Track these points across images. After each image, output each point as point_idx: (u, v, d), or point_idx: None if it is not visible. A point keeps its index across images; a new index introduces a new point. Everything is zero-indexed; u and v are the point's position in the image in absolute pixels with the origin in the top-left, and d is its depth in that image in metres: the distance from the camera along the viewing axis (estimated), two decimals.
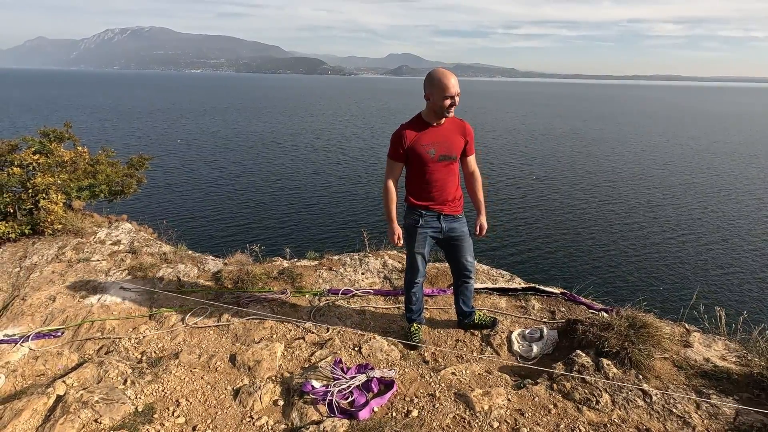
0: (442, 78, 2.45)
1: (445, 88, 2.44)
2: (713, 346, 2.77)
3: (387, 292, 3.69)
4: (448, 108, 2.50)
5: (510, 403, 2.29)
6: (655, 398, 2.27)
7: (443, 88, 2.45)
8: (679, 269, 13.80)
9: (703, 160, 31.38)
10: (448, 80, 2.44)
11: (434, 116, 2.59)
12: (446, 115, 2.55)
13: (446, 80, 2.44)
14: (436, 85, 2.46)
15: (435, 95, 2.49)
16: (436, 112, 2.56)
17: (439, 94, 2.47)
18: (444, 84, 2.44)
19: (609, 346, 2.57)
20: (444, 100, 2.47)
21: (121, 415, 2.19)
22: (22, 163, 4.96)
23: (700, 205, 20.72)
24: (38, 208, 4.80)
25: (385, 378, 2.47)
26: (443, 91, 2.45)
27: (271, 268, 4.13)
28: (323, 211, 18.52)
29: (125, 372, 2.56)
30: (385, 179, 2.74)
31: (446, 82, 2.43)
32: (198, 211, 18.08)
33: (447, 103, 2.48)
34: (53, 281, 3.92)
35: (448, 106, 2.50)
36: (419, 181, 2.69)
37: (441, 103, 2.49)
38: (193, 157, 27.35)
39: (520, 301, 3.52)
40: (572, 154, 32.98)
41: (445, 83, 2.44)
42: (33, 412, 2.16)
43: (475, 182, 2.85)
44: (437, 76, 2.47)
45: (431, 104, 2.55)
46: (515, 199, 20.88)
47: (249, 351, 2.78)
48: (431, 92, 2.50)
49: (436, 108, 2.54)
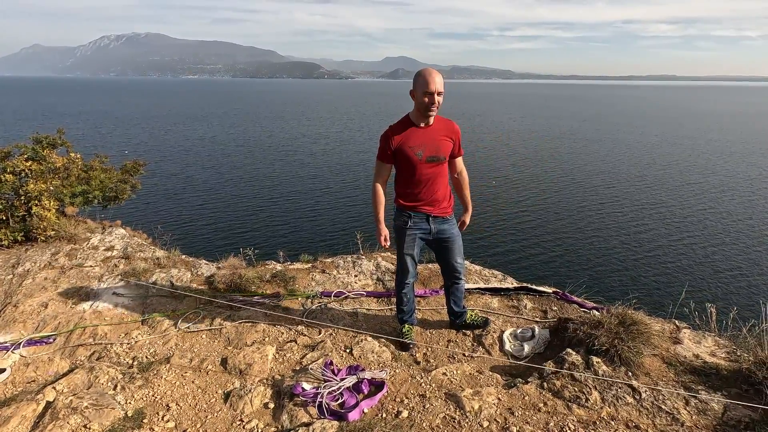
0: (425, 75, 2.46)
1: (426, 84, 2.44)
2: (703, 342, 2.78)
3: (380, 294, 3.69)
4: (429, 106, 2.49)
5: (500, 402, 2.29)
6: (644, 395, 2.28)
7: (424, 84, 2.45)
8: (669, 267, 13.85)
9: (698, 159, 31.55)
10: (431, 77, 2.44)
11: (421, 117, 2.59)
12: (428, 114, 2.53)
13: (429, 77, 2.44)
14: (419, 82, 2.48)
15: (417, 92, 2.49)
16: (420, 111, 2.56)
17: (420, 90, 2.47)
18: (425, 80, 2.44)
19: (599, 344, 2.58)
20: (424, 96, 2.46)
21: (110, 420, 2.18)
22: (15, 170, 4.95)
23: (691, 203, 20.82)
24: (31, 214, 4.79)
25: (376, 379, 2.47)
26: (424, 87, 2.45)
27: (264, 271, 4.13)
28: (317, 214, 18.52)
29: (116, 377, 2.55)
30: (373, 181, 2.74)
31: (428, 79, 2.44)
32: (193, 215, 18.06)
33: (426, 100, 2.47)
34: (46, 288, 3.91)
35: (428, 104, 2.48)
36: (407, 182, 2.69)
37: (422, 99, 2.48)
38: (189, 162, 27.33)
39: (513, 300, 3.53)
40: (567, 154, 33.11)
41: (427, 80, 2.44)
42: (22, 419, 2.15)
43: (462, 182, 2.89)
44: (421, 73, 2.49)
45: (415, 102, 2.55)
46: (508, 200, 20.94)
47: (240, 354, 2.78)
48: (414, 89, 2.51)
49: (419, 105, 2.54)
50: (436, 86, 2.45)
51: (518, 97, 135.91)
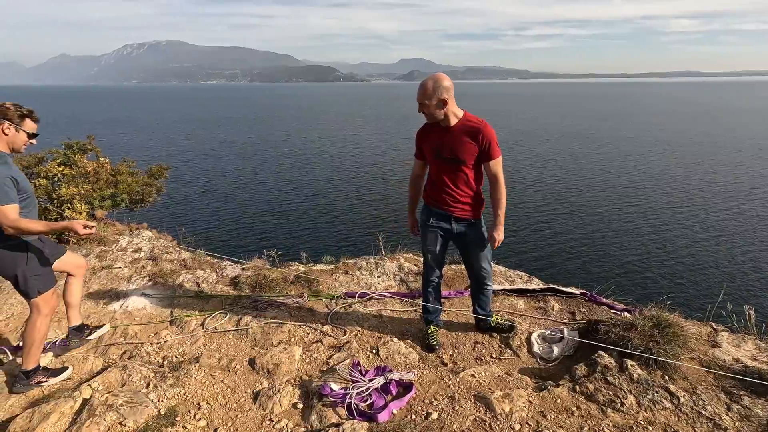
0: (419, 85, 2.54)
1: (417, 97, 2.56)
2: (743, 345, 2.67)
3: (403, 295, 3.68)
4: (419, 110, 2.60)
5: (531, 405, 2.25)
6: (682, 399, 2.20)
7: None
8: (703, 268, 13.40)
9: (726, 156, 30.53)
10: (418, 90, 2.53)
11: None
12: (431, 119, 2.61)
13: (418, 89, 2.53)
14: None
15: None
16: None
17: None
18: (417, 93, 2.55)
19: (633, 347, 2.51)
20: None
21: (144, 418, 2.22)
22: (48, 175, 5.12)
23: (724, 202, 20.11)
24: (63, 217, 4.95)
25: (404, 380, 2.45)
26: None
27: (288, 272, 4.16)
28: (339, 216, 18.62)
29: (148, 376, 2.60)
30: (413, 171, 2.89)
31: (418, 91, 2.53)
32: (215, 218, 18.37)
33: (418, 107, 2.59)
34: None
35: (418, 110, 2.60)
36: (431, 180, 2.79)
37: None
38: (210, 166, 27.86)
39: (539, 302, 3.47)
40: (590, 153, 32.47)
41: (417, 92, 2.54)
42: (60, 415, 2.21)
43: (492, 190, 2.70)
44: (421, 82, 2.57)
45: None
46: (533, 200, 20.64)
47: (268, 354, 2.80)
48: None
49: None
50: (419, 97, 2.54)
51: (535, 97, 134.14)
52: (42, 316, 2.54)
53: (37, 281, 2.50)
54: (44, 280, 2.54)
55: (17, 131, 2.38)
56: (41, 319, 2.54)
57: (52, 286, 2.59)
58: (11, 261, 2.43)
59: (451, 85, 2.51)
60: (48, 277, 2.58)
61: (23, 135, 2.41)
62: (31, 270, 2.48)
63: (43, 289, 2.52)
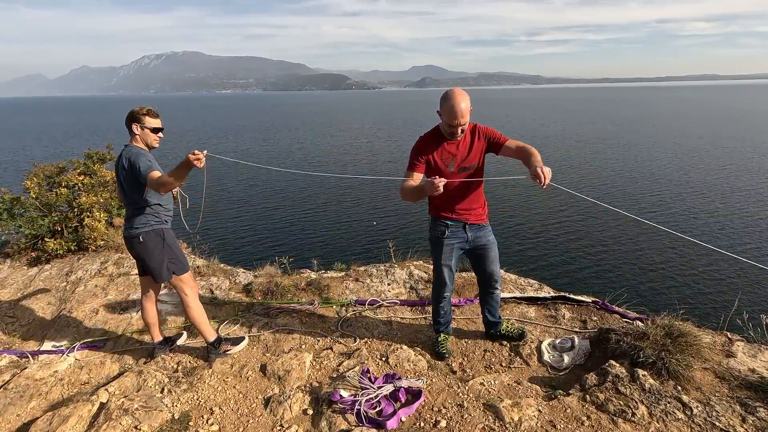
0: (453, 106, 2.46)
1: (450, 118, 2.49)
2: (759, 356, 2.62)
3: (413, 303, 3.70)
4: (453, 134, 2.57)
5: (541, 414, 2.24)
6: (696, 410, 2.17)
7: (449, 117, 2.49)
8: (720, 276, 13.07)
9: (749, 161, 29.81)
10: (455, 110, 2.45)
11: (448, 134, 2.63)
12: (454, 138, 2.60)
13: (454, 109, 2.45)
14: (445, 111, 2.51)
15: (443, 118, 2.55)
16: (446, 134, 2.62)
17: (445, 120, 2.54)
18: (450, 113, 2.47)
19: (645, 356, 2.48)
20: (449, 127, 2.54)
21: (159, 422, 2.28)
22: (69, 184, 5.28)
23: (740, 208, 19.63)
24: (83, 225, 5.09)
25: (413, 388, 2.46)
26: (449, 119, 2.50)
27: (300, 279, 4.22)
28: (349, 223, 18.71)
29: (162, 381, 2.66)
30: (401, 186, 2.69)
31: (454, 111, 2.46)
32: (228, 225, 18.62)
33: (450, 130, 2.56)
34: (96, 295, 4.14)
35: (451, 133, 2.57)
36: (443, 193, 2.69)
37: (446, 128, 2.57)
38: (224, 174, 28.27)
39: (550, 310, 3.45)
40: (605, 159, 32.06)
41: (452, 113, 2.46)
42: (79, 419, 2.28)
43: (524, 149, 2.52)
44: (448, 102, 2.47)
45: (442, 121, 2.60)
46: (545, 207, 20.45)
47: (279, 361, 2.84)
48: (441, 112, 2.55)
49: (444, 130, 2.62)
50: (459, 120, 2.48)
51: (549, 102, 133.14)
52: (189, 296, 2.88)
53: (173, 265, 2.83)
54: (179, 264, 2.87)
55: (143, 129, 2.73)
56: (188, 299, 2.88)
57: (187, 270, 2.91)
58: (153, 245, 2.77)
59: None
60: (182, 261, 2.91)
61: (149, 131, 2.75)
62: (168, 255, 2.81)
63: (178, 272, 2.85)
